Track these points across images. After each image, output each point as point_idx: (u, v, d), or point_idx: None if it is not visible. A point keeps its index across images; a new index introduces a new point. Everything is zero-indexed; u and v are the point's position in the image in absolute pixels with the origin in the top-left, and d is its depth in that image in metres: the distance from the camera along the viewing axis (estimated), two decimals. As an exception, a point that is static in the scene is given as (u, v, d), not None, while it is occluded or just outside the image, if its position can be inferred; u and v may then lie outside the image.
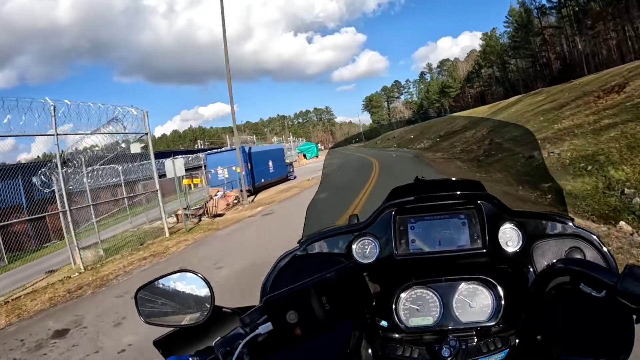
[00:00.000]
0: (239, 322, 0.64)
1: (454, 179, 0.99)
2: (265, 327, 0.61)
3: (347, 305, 0.65)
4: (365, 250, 0.89)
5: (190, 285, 0.69)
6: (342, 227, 0.97)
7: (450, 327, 0.77)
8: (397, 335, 0.78)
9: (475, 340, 0.75)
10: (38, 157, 9.36)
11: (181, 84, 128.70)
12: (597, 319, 0.66)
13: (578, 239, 0.84)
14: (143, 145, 9.76)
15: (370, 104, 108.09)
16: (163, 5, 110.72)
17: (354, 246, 0.89)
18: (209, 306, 0.67)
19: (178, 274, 0.71)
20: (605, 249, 0.82)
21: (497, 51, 64.16)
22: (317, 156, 49.08)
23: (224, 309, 0.71)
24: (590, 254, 0.82)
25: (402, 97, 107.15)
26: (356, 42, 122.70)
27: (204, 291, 0.68)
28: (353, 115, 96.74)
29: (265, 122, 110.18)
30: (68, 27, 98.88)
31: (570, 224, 0.87)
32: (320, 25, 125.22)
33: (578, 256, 0.82)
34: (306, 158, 48.66)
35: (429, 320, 0.79)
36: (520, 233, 0.84)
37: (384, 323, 0.79)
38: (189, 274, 0.70)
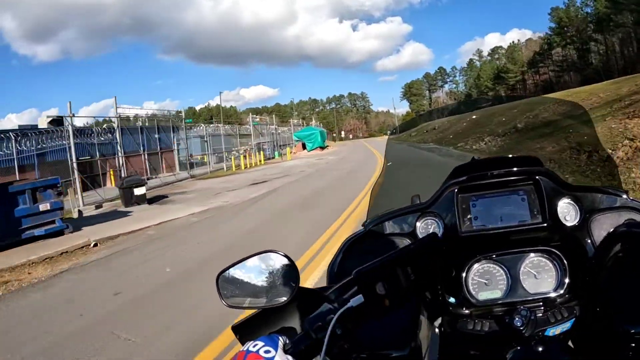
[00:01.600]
0: (324, 299, 0.65)
1: (511, 156, 0.98)
2: (356, 300, 0.61)
3: (430, 276, 0.68)
4: (429, 229, 0.91)
5: (274, 265, 0.67)
6: (405, 207, 0.97)
7: (519, 299, 0.79)
8: (466, 311, 0.81)
9: (543, 310, 0.77)
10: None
11: (222, 64, 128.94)
12: None
13: (634, 211, 0.86)
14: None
15: (409, 92, 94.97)
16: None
17: (418, 225, 0.91)
18: (294, 285, 0.65)
19: (262, 255, 0.68)
20: None
21: (577, 25, 48.82)
22: (322, 147, 37.33)
23: (307, 290, 0.70)
24: None
25: (447, 86, 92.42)
26: (401, 33, 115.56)
27: (289, 271, 0.66)
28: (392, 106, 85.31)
29: (295, 105, 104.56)
30: (112, 3, 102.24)
31: (625, 196, 0.89)
32: (365, 13, 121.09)
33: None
34: (305, 149, 36.48)
35: (497, 294, 0.81)
36: (577, 207, 0.85)
37: (452, 300, 0.82)
38: (273, 254, 0.68)
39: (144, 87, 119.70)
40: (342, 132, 74.20)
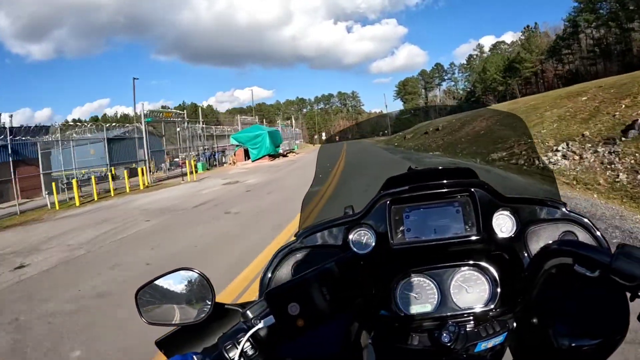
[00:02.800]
0: (241, 317, 0.66)
1: (446, 167, 1.01)
2: (267, 321, 0.63)
3: (348, 295, 0.69)
4: (361, 240, 0.90)
5: (190, 283, 0.70)
6: (337, 218, 0.97)
7: (448, 313, 0.81)
8: (396, 324, 0.83)
9: (474, 324, 0.79)
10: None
11: (218, 65, 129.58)
12: (592, 300, 0.69)
13: (571, 223, 0.87)
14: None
15: (404, 89, 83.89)
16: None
17: (350, 237, 0.90)
18: (209, 303, 0.69)
19: (177, 272, 0.71)
20: (597, 232, 0.84)
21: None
22: (273, 154, 25.23)
23: (225, 306, 0.73)
24: (583, 237, 0.84)
25: (444, 84, 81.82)
26: (396, 35, 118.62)
27: (204, 288, 0.70)
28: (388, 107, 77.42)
29: (282, 105, 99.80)
30: (106, 2, 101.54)
31: (563, 208, 0.89)
32: (361, 15, 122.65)
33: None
34: (249, 159, 26.58)
35: (427, 307, 0.83)
36: (513, 219, 0.86)
37: (383, 312, 0.84)
38: (188, 272, 0.71)
39: (139, 86, 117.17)
40: (324, 134, 62.21)
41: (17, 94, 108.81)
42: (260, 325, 0.63)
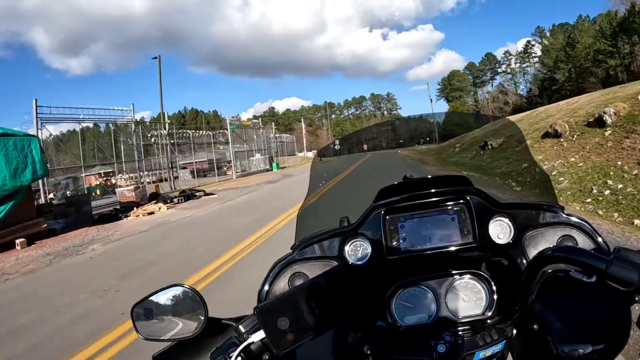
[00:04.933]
0: (234, 331, 0.70)
1: (440, 175, 1.04)
2: (257, 335, 0.67)
3: (338, 309, 0.72)
4: (357, 251, 0.92)
5: (184, 298, 0.75)
6: (332, 229, 0.99)
7: (446, 323, 0.84)
8: (394, 335, 0.86)
9: (471, 333, 0.81)
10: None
11: (253, 76, 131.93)
12: (593, 305, 0.71)
13: (569, 227, 0.87)
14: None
15: (449, 86, 69.69)
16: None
17: (346, 248, 0.93)
18: (202, 318, 0.72)
19: (171, 289, 0.76)
20: (598, 235, 0.85)
21: None
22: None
23: (219, 320, 0.76)
24: (583, 241, 0.85)
25: (498, 78, 67.30)
26: (433, 40, 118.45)
27: (197, 303, 0.73)
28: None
29: (305, 110, 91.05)
30: (142, 16, 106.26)
31: (560, 212, 0.91)
32: (395, 23, 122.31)
33: (569, 244, 0.86)
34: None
35: (423, 318, 0.86)
36: (510, 224, 0.88)
37: (380, 323, 0.87)
38: (182, 288, 0.75)
39: (177, 98, 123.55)
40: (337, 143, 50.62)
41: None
42: (251, 340, 0.66)
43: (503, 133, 2.90)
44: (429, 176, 1.00)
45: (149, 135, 20.17)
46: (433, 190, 0.89)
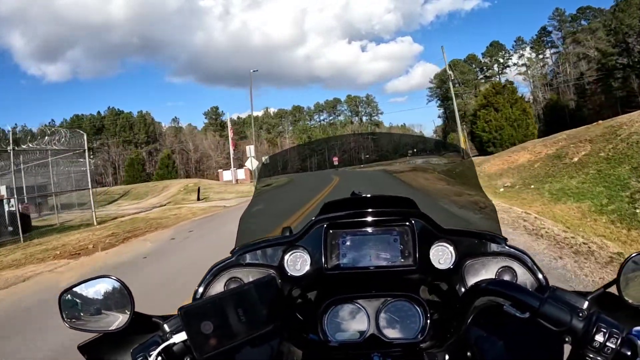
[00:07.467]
0: (157, 328, 0.73)
1: (388, 195, 1.09)
2: (179, 336, 0.68)
3: (265, 318, 0.74)
4: (296, 262, 0.96)
5: (112, 291, 0.77)
6: (274, 238, 1.04)
7: (376, 344, 0.87)
8: (324, 349, 0.89)
9: (401, 356, 0.85)
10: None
11: (232, 86, 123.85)
12: (527, 338, 0.74)
13: (510, 258, 0.92)
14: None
15: (446, 82, 48.84)
16: (217, 7, 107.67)
17: (285, 258, 0.97)
18: (128, 313, 0.75)
19: (100, 279, 0.79)
20: (537, 269, 0.90)
21: None
22: None
23: (146, 316, 0.79)
24: (522, 274, 0.90)
25: (508, 71, 60.59)
26: (412, 53, 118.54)
27: (125, 297, 0.77)
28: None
29: (272, 115, 77.43)
30: (120, 23, 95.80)
31: (503, 243, 0.96)
32: (375, 35, 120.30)
33: (508, 276, 0.91)
34: None
35: (355, 336, 0.89)
36: (452, 251, 0.92)
37: (312, 336, 0.91)
38: (110, 280, 0.78)
39: (156, 108, 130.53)
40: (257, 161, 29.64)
41: (31, 110, 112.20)
42: (173, 340, 0.67)
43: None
44: (376, 194, 1.05)
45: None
46: (379, 210, 0.92)
